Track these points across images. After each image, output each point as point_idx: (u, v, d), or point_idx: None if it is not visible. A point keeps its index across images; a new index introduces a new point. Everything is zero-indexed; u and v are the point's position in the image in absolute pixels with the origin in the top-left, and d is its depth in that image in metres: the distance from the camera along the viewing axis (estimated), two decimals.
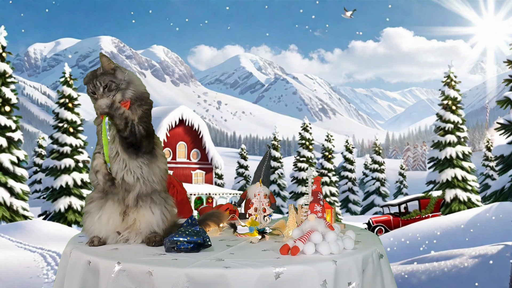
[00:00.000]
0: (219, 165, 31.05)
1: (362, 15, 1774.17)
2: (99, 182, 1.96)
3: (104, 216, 1.94)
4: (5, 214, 17.48)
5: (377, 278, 1.88)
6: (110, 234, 1.94)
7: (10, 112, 18.45)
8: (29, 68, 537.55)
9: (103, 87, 1.88)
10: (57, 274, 1.98)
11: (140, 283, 1.62)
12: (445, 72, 24.22)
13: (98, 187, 1.98)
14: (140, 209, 1.94)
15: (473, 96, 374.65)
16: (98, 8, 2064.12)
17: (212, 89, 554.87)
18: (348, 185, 35.79)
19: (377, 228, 19.37)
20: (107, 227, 1.94)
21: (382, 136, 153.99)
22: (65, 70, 21.86)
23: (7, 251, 9.03)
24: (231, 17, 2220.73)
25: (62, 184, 20.35)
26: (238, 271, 1.58)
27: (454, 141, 23.32)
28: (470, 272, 5.98)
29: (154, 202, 1.96)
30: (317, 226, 1.85)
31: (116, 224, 1.93)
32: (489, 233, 9.31)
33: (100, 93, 1.88)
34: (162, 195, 2.01)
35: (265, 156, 2.86)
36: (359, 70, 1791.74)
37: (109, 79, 1.89)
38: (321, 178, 2.05)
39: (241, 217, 2.54)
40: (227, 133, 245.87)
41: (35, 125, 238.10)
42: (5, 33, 18.69)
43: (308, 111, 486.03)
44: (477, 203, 22.45)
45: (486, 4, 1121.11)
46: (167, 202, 2.02)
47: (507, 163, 17.80)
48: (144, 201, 1.95)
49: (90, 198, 2.00)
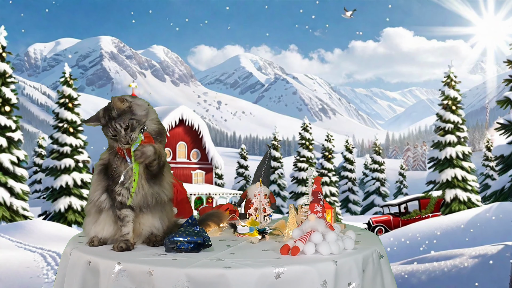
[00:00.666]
0: (219, 165, 31.05)
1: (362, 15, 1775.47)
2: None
3: (104, 220, 1.94)
4: (5, 214, 17.48)
5: (377, 278, 1.88)
6: (110, 236, 1.95)
7: (10, 112, 18.45)
8: (29, 68, 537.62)
9: (125, 128, 1.82)
10: (57, 274, 1.98)
11: (140, 283, 1.62)
12: (445, 72, 24.22)
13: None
14: (144, 215, 1.94)
15: (473, 96, 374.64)
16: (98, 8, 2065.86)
17: (212, 89, 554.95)
18: (348, 185, 35.79)
19: (377, 228, 19.37)
20: (108, 230, 1.94)
21: (382, 136, 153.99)
22: (65, 70, 21.87)
23: (7, 251, 9.03)
24: (231, 17, 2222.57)
25: (62, 184, 20.35)
26: (238, 271, 1.58)
27: (454, 141, 23.32)
28: (470, 272, 5.97)
29: (156, 209, 1.97)
30: (317, 226, 1.85)
31: (117, 228, 1.93)
32: (489, 233, 9.31)
33: (123, 135, 1.82)
34: (166, 204, 2.01)
35: (265, 156, 2.86)
36: (359, 70, 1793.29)
37: (128, 118, 1.82)
38: (321, 178, 2.05)
39: (241, 217, 2.54)
40: (227, 133, 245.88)
41: (35, 125, 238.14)
42: (5, 33, 18.69)
43: (308, 111, 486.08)
44: (477, 203, 22.45)
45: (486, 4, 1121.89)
46: (168, 208, 2.03)
47: (507, 163, 17.80)
48: (146, 209, 1.95)
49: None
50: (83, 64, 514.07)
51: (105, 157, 1.97)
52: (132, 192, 1.85)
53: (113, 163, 1.91)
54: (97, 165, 1.99)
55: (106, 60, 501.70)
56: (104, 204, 1.92)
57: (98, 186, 1.95)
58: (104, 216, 1.93)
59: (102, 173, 1.95)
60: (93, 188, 1.96)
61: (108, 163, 1.94)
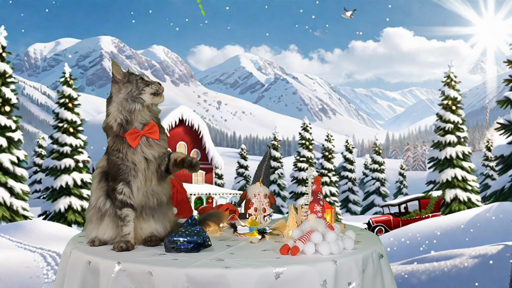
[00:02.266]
0: (219, 165, 31.05)
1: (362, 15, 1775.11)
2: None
3: (107, 225, 1.94)
4: (5, 214, 17.49)
5: (377, 278, 1.88)
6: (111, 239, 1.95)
7: (10, 112, 18.45)
8: (29, 68, 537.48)
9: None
10: (57, 274, 1.98)
11: (140, 283, 1.62)
12: (445, 72, 24.22)
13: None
14: (145, 220, 1.94)
15: (473, 96, 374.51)
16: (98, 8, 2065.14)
17: (212, 89, 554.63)
18: (348, 185, 35.79)
19: (377, 228, 19.36)
20: (110, 234, 1.94)
21: (382, 136, 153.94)
22: (65, 70, 21.86)
23: (7, 251, 9.03)
24: (231, 17, 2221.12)
25: (62, 184, 20.35)
26: (238, 271, 1.58)
27: (454, 141, 23.32)
28: (470, 272, 5.97)
29: (157, 212, 1.97)
30: (317, 226, 1.85)
31: (118, 231, 1.93)
32: (489, 233, 9.30)
33: (157, 83, 1.94)
34: (166, 206, 2.02)
35: (265, 156, 2.86)
36: (359, 70, 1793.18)
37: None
38: (321, 178, 2.05)
39: (241, 217, 2.54)
40: (227, 133, 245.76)
41: (35, 125, 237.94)
42: (5, 33, 18.69)
43: (308, 111, 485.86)
44: (477, 203, 22.44)
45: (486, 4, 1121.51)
46: (169, 212, 2.04)
47: (507, 163, 17.80)
48: (147, 214, 1.95)
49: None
50: (83, 64, 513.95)
51: (103, 164, 1.96)
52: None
53: (120, 152, 1.88)
54: (96, 173, 1.98)
55: (106, 60, 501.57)
56: (106, 210, 1.92)
57: (99, 193, 1.94)
58: (107, 221, 1.93)
59: (102, 180, 1.95)
60: (95, 196, 1.95)
61: (109, 168, 1.92)
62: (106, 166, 1.94)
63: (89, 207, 1.97)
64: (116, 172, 1.89)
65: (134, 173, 1.88)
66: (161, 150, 1.93)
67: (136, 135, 1.87)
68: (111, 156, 1.91)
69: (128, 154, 1.87)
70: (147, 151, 1.89)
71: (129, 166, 1.87)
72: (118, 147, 1.89)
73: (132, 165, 1.87)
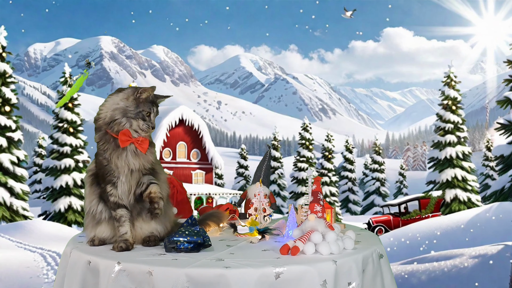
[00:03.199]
0: (219, 165, 31.05)
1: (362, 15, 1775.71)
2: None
3: (104, 230, 1.94)
4: (5, 214, 17.48)
5: (377, 278, 1.88)
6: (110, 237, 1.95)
7: (10, 112, 18.45)
8: (29, 68, 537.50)
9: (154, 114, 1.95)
10: (57, 274, 1.98)
11: (140, 283, 1.62)
12: (445, 72, 24.22)
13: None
14: (145, 218, 1.94)
15: (473, 96, 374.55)
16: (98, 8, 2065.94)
17: (212, 89, 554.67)
18: (348, 185, 35.79)
19: (377, 228, 19.36)
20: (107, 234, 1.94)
21: (382, 136, 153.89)
22: (65, 70, 21.88)
23: (7, 251, 9.03)
24: (231, 17, 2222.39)
25: (62, 184, 20.36)
26: (238, 271, 1.58)
27: (454, 141, 23.32)
28: (470, 272, 5.97)
29: None
30: (317, 226, 1.85)
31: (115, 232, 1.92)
32: (489, 233, 9.30)
33: (153, 119, 1.94)
34: (166, 206, 2.01)
35: (265, 156, 2.86)
36: (359, 70, 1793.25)
37: (156, 106, 1.97)
38: (321, 178, 2.05)
39: (241, 217, 2.54)
40: (227, 133, 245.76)
41: (35, 125, 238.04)
42: (5, 33, 18.69)
43: (308, 111, 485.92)
44: (477, 203, 22.45)
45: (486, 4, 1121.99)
46: (169, 210, 2.04)
47: (507, 163, 17.80)
48: (147, 214, 1.94)
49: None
50: (83, 64, 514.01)
51: (92, 167, 1.97)
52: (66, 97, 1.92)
53: (105, 152, 1.88)
54: (87, 177, 1.97)
55: (106, 60, 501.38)
56: (101, 214, 1.93)
57: (92, 197, 1.94)
58: (104, 225, 1.93)
59: (94, 184, 1.95)
60: (88, 200, 1.95)
61: (98, 170, 1.93)
62: (95, 168, 1.95)
63: (85, 212, 1.98)
64: (104, 173, 1.90)
65: (119, 175, 1.89)
66: (145, 163, 1.92)
67: (127, 138, 1.87)
68: (99, 156, 1.91)
69: (113, 156, 1.87)
70: (131, 160, 1.88)
71: (113, 168, 1.88)
72: (105, 147, 1.89)
73: (116, 168, 1.88)
